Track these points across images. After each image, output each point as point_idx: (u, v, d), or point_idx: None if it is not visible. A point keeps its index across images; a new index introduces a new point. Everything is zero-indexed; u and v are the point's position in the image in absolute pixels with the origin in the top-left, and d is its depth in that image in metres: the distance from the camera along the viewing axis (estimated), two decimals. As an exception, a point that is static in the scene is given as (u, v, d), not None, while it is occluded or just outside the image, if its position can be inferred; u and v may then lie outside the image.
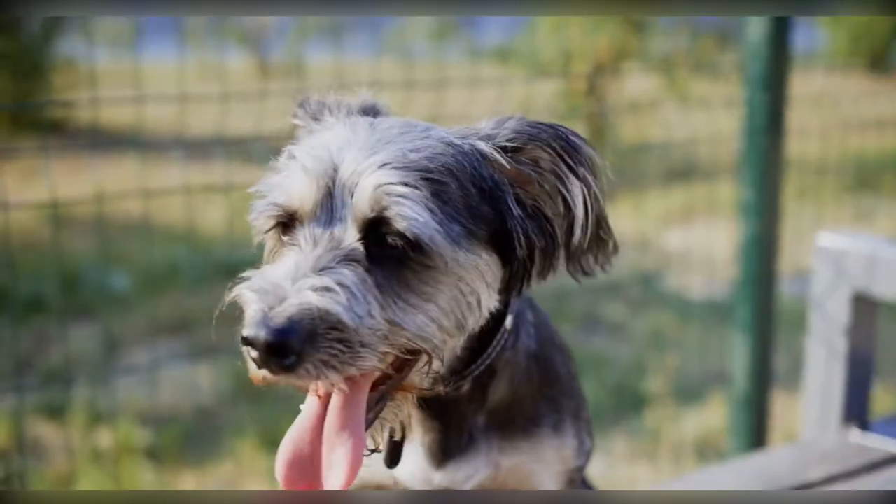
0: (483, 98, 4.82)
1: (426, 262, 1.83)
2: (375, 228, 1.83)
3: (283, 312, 1.70)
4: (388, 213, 1.81)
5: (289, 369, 1.72)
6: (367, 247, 1.83)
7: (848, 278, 3.66)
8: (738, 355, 4.59)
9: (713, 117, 6.56)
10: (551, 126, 1.97)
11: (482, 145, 1.94)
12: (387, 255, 1.83)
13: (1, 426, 5.67)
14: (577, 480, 2.35)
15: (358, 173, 1.83)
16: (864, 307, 3.69)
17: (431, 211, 1.82)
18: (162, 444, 5.62)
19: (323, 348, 1.72)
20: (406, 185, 1.81)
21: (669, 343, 7.04)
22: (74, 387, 6.10)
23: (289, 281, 1.75)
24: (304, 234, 1.84)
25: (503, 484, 2.22)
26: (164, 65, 7.56)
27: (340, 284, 1.75)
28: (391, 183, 1.81)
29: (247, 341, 1.71)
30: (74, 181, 4.96)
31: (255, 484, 5.23)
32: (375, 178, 1.82)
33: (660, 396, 5.88)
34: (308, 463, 1.84)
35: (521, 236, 1.93)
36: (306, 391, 1.88)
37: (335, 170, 1.85)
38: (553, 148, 1.95)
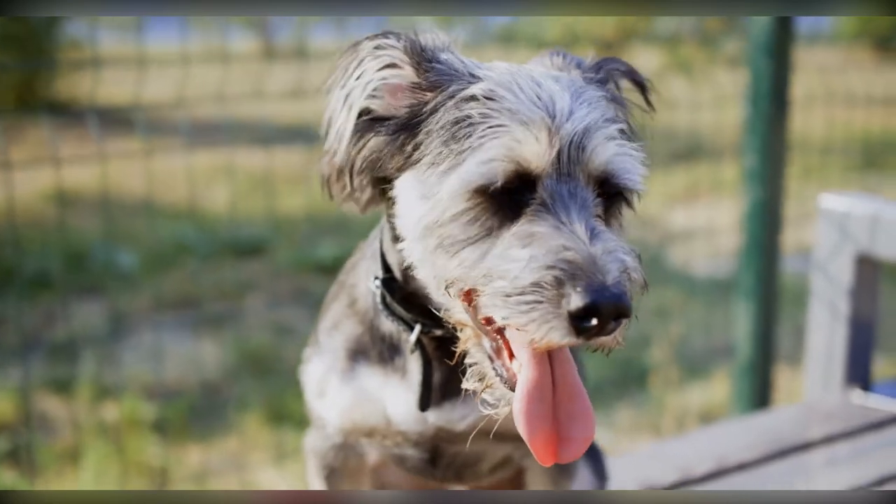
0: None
1: (621, 210, 1.95)
2: (601, 183, 1.89)
3: (620, 280, 1.72)
4: (618, 170, 1.88)
5: (610, 332, 1.73)
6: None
7: (851, 240, 3.66)
8: (741, 322, 4.59)
9: (719, 98, 6.54)
10: (624, 63, 2.19)
11: (624, 95, 2.14)
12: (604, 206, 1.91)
13: (8, 400, 5.69)
14: None
15: (586, 131, 1.86)
16: (867, 268, 3.70)
17: (640, 163, 1.93)
18: (167, 417, 5.63)
19: None
20: (626, 142, 1.91)
21: (673, 318, 7.03)
22: (81, 362, 6.12)
23: (595, 248, 1.75)
24: (552, 190, 1.83)
25: (497, 424, 2.22)
26: (168, 47, 7.56)
27: (621, 246, 1.81)
28: (618, 141, 1.88)
29: (591, 309, 1.68)
30: (84, 159, 4.98)
31: (260, 457, 5.25)
32: (606, 138, 1.87)
33: (663, 366, 5.88)
34: (549, 416, 1.84)
35: None
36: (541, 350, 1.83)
37: (559, 127, 1.84)
38: (635, 82, 2.18)
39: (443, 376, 2.20)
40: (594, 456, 2.74)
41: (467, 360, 1.95)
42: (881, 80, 9.52)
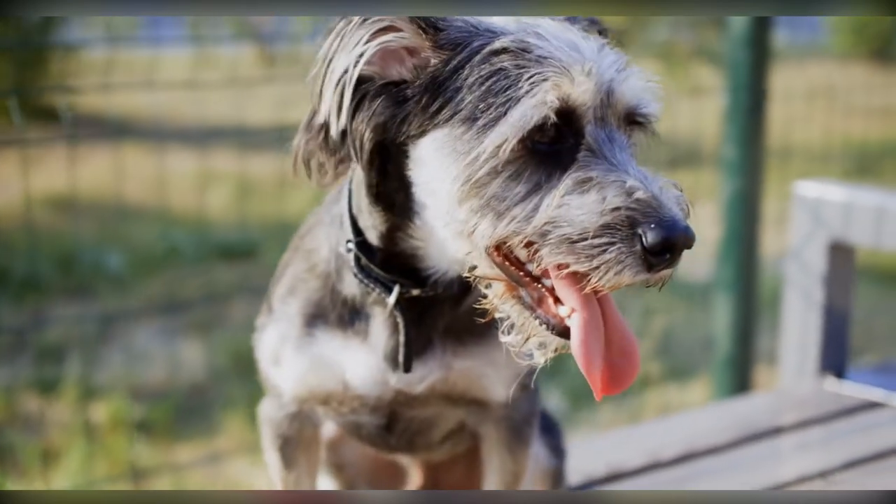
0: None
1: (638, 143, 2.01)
2: (626, 123, 1.94)
3: (683, 215, 1.80)
4: (641, 103, 1.95)
5: (675, 263, 1.79)
6: None
7: (825, 226, 3.64)
8: (720, 315, 4.57)
9: (694, 90, 6.54)
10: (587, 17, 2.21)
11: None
12: None
13: (-7, 402, 5.69)
14: (531, 388, 2.34)
15: (614, 75, 1.90)
16: (841, 255, 3.67)
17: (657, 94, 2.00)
18: (153, 418, 5.61)
19: None
20: (650, 87, 1.96)
21: (658, 319, 6.97)
22: (68, 363, 6.11)
23: (654, 186, 1.80)
24: (595, 136, 1.87)
25: (454, 386, 2.22)
26: (164, 55, 7.57)
27: (671, 182, 1.87)
28: (638, 77, 1.94)
29: (667, 244, 1.74)
30: (83, 167, 4.97)
31: (244, 457, 5.22)
32: (629, 78, 1.92)
33: (644, 365, 5.83)
34: (603, 353, 1.88)
35: None
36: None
37: (594, 71, 1.87)
38: (599, 32, 2.17)
39: (407, 340, 2.18)
40: (551, 431, 2.72)
41: (499, 315, 1.96)
42: (875, 90, 9.53)
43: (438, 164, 1.92)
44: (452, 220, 1.93)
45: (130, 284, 7.68)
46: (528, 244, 1.84)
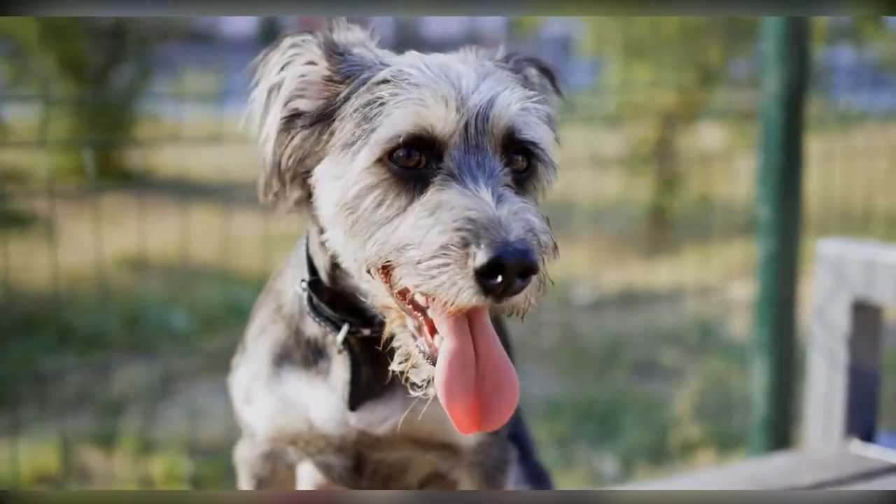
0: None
1: (538, 179, 2.02)
2: (506, 150, 1.95)
3: (524, 237, 1.76)
4: (519, 126, 1.95)
5: (519, 290, 1.76)
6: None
7: (847, 285, 3.57)
8: (757, 377, 4.48)
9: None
10: (530, 53, 2.22)
11: (532, 73, 2.23)
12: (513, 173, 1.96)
13: (54, 453, 5.81)
14: (502, 434, 2.33)
15: (490, 101, 1.93)
16: (866, 314, 3.59)
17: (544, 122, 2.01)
18: (206, 474, 5.68)
19: None
20: (529, 105, 1.97)
21: (699, 382, 6.83)
22: (127, 418, 6.23)
23: (500, 210, 1.79)
24: (458, 160, 1.88)
25: (419, 429, 2.22)
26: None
27: (528, 209, 1.86)
28: (520, 104, 1.95)
29: (495, 265, 1.72)
30: (155, 228, 5.11)
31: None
32: (508, 103, 1.94)
33: (684, 416, 5.73)
34: (471, 386, 1.85)
35: None
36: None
37: (465, 99, 1.91)
38: (541, 68, 2.24)
39: (365, 378, 2.22)
40: (539, 480, 2.70)
41: (394, 343, 1.98)
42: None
43: (324, 190, 2.00)
44: (335, 244, 2.01)
45: (194, 342, 7.82)
46: (390, 267, 1.87)
